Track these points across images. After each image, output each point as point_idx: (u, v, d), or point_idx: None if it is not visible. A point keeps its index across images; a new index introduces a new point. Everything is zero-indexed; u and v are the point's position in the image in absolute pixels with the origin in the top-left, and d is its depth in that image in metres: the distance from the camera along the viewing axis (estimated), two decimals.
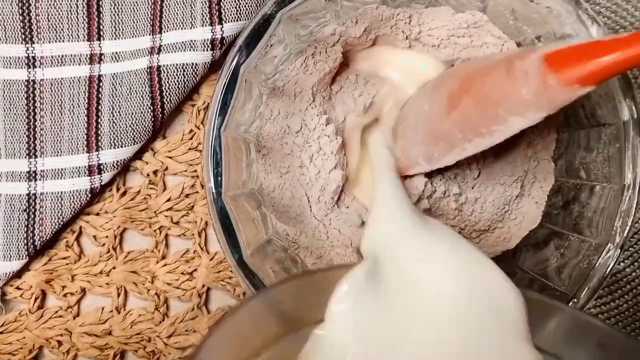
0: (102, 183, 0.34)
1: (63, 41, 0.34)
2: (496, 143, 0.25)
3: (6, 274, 0.33)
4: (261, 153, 0.29)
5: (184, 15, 0.33)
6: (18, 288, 0.34)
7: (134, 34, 0.34)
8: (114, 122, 0.33)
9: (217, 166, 0.24)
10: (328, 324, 0.20)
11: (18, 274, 0.34)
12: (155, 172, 0.35)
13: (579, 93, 0.21)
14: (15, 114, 0.33)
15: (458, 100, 0.25)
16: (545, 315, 0.22)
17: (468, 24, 0.30)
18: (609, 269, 0.25)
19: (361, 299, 0.21)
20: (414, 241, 0.22)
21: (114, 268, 0.35)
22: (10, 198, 0.33)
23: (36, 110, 0.34)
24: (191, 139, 0.35)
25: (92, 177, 0.33)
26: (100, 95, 0.34)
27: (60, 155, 0.33)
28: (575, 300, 0.25)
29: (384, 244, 0.22)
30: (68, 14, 0.34)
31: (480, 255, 0.21)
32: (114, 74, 0.34)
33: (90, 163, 0.33)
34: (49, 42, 0.34)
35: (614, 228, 0.25)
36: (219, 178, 0.24)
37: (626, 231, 0.25)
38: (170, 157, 0.35)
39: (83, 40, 0.34)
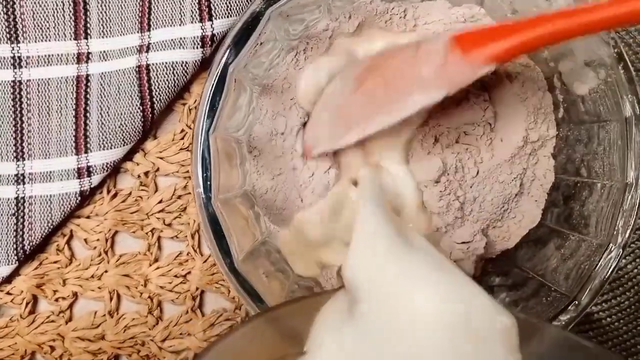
0: (92, 185, 0.33)
1: (49, 40, 0.33)
2: (395, 122, 0.25)
3: None
4: (252, 154, 0.28)
5: (173, 12, 0.32)
6: (9, 293, 0.33)
7: (122, 32, 0.33)
8: (102, 123, 0.32)
9: (206, 170, 0.24)
10: (311, 355, 0.19)
11: (8, 279, 0.33)
12: (146, 174, 0.34)
13: (480, 72, 0.22)
14: (1, 115, 0.33)
15: (364, 80, 0.26)
16: (532, 336, 0.21)
17: (465, 17, 0.29)
18: (611, 270, 0.24)
19: (343, 329, 0.20)
20: (395, 269, 0.21)
21: (106, 272, 0.34)
22: None
23: (23, 111, 0.33)
24: (182, 138, 0.34)
25: (82, 180, 0.33)
26: (88, 96, 0.33)
27: (49, 157, 0.33)
28: (577, 302, 0.24)
29: (365, 271, 0.21)
30: (54, 12, 0.33)
31: (466, 281, 0.20)
32: (102, 73, 0.33)
33: (79, 165, 0.32)
34: (35, 41, 0.33)
35: (616, 228, 0.24)
36: (208, 182, 0.24)
37: (628, 231, 0.24)
38: (161, 158, 0.34)
39: (70, 39, 0.33)
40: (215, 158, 0.24)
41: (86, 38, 0.33)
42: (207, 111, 0.23)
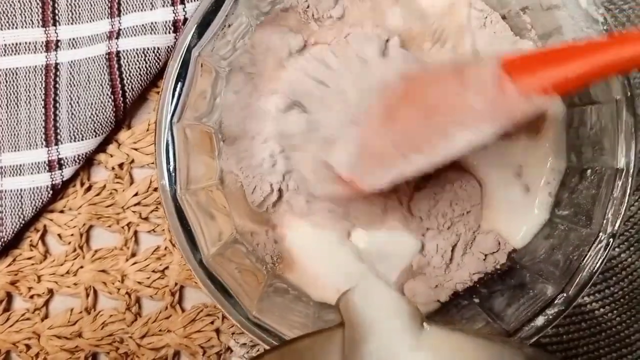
0: (64, 179, 0.32)
1: (16, 28, 0.32)
2: (437, 165, 0.22)
3: None
4: (226, 143, 0.27)
5: None
6: None
7: (91, 17, 0.32)
8: (73, 113, 0.31)
9: (170, 161, 0.22)
10: None
11: None
12: (120, 165, 0.33)
13: (541, 104, 0.19)
14: None
15: (396, 111, 0.22)
16: None
17: None
18: (601, 261, 0.23)
19: None
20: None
21: (81, 267, 0.33)
22: None
23: None
24: None
25: (53, 173, 0.31)
26: (57, 85, 0.32)
27: (18, 150, 0.31)
28: (564, 294, 0.23)
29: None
30: None
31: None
32: (72, 61, 0.32)
33: (50, 158, 0.31)
34: (1, 29, 0.32)
35: (606, 217, 0.23)
36: (173, 174, 0.22)
37: (618, 220, 0.23)
38: (136, 149, 0.33)
39: (37, 26, 0.32)
40: (181, 148, 0.23)
41: (54, 25, 0.32)
42: (170, 99, 0.22)
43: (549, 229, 0.26)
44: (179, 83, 0.22)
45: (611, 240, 0.23)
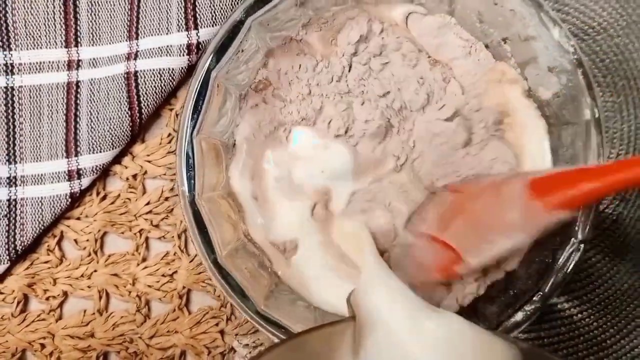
0: (82, 188, 0.34)
1: (41, 48, 0.34)
2: (485, 265, 0.26)
3: None
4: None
5: (160, 21, 0.34)
6: (0, 292, 0.34)
7: (111, 40, 0.35)
8: (92, 127, 0.34)
9: (190, 169, 0.25)
10: None
11: (0, 279, 0.34)
12: (134, 176, 0.35)
13: (562, 217, 0.24)
14: None
15: (449, 222, 0.27)
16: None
17: (438, 25, 0.30)
18: (574, 263, 0.26)
19: None
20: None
21: (95, 271, 0.35)
22: None
23: (15, 116, 0.34)
24: (169, 142, 0.35)
25: (72, 182, 0.34)
26: (78, 101, 0.34)
27: (40, 161, 0.34)
28: (541, 293, 0.26)
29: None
30: (45, 20, 0.34)
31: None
32: (92, 79, 0.34)
33: (69, 168, 0.34)
34: (27, 49, 0.34)
35: (577, 223, 0.26)
36: (192, 181, 0.25)
37: (588, 226, 0.25)
38: (149, 161, 0.35)
39: (61, 47, 0.35)
40: (199, 158, 0.25)
41: (76, 46, 0.35)
42: (191, 113, 0.25)
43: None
44: (199, 101, 0.25)
45: (582, 245, 0.26)
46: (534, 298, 0.26)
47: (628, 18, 0.35)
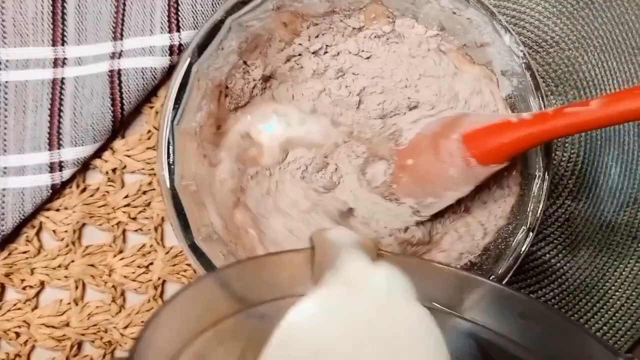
0: (63, 180, 0.35)
1: (28, 46, 0.36)
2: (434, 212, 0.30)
3: None
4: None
5: (144, 23, 0.36)
6: None
7: (96, 40, 0.36)
8: (75, 121, 0.35)
9: (169, 155, 0.27)
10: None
11: None
12: (114, 170, 0.37)
13: (496, 168, 0.27)
14: None
15: (398, 178, 0.30)
16: (472, 290, 0.25)
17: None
18: (524, 247, 0.28)
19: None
20: None
21: (72, 262, 0.36)
22: None
23: (0, 110, 0.35)
24: (149, 139, 0.37)
25: (54, 174, 0.35)
26: (62, 97, 0.36)
27: (23, 152, 0.35)
28: (493, 276, 0.28)
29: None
30: (34, 20, 0.36)
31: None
32: (77, 77, 0.36)
33: (51, 160, 0.35)
34: (14, 46, 0.36)
35: (526, 212, 0.28)
36: (172, 166, 0.27)
37: (538, 214, 0.28)
38: (128, 156, 0.37)
39: (48, 45, 0.36)
40: (179, 147, 0.27)
41: (63, 45, 0.36)
42: (172, 104, 0.26)
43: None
44: (181, 92, 0.27)
45: (531, 233, 0.28)
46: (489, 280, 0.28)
47: (577, 33, 0.39)
